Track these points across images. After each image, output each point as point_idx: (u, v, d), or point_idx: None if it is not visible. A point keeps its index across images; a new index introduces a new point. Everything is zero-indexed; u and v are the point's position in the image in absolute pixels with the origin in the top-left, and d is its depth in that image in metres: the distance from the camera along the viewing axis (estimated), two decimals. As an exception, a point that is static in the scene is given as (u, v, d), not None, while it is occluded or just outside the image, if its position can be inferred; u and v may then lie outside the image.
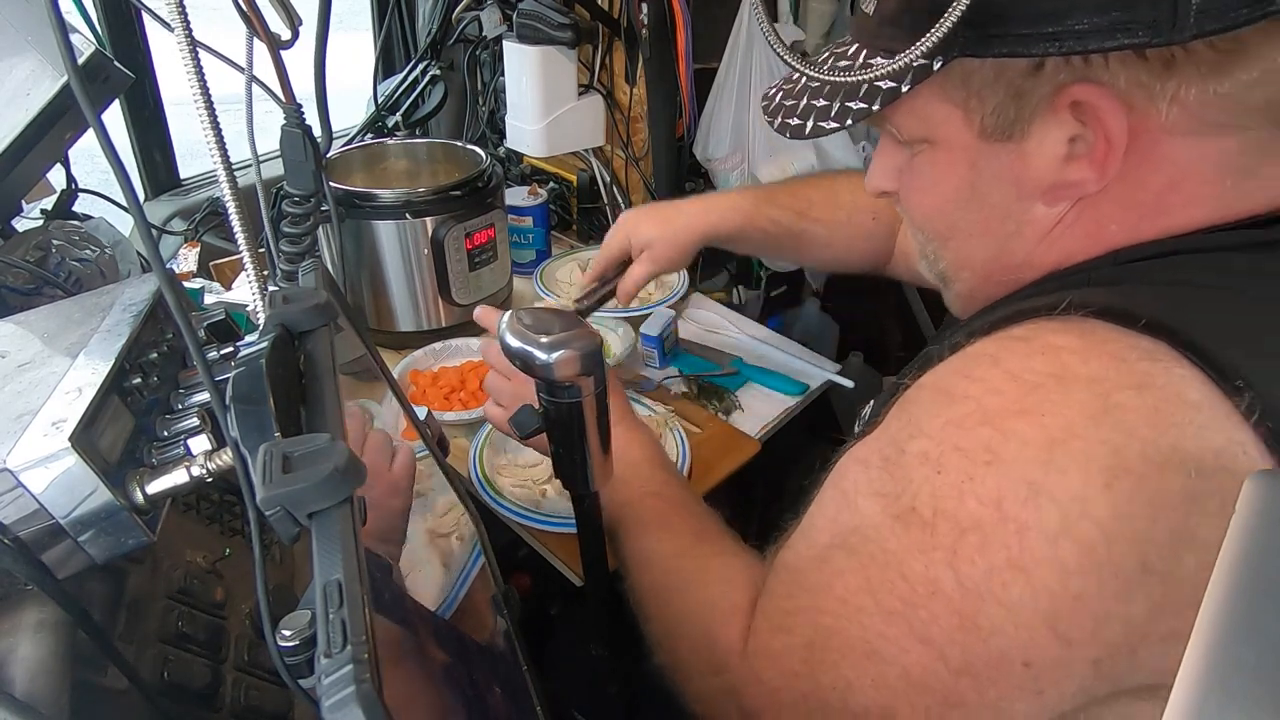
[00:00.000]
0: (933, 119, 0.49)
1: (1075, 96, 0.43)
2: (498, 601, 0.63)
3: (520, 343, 0.47)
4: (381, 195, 1.02)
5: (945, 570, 0.41)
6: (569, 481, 0.54)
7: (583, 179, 1.39)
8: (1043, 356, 0.41)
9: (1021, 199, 0.49)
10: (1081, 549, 0.37)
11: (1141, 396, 0.38)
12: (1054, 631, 0.38)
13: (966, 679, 0.40)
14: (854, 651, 0.44)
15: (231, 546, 0.59)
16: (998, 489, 0.39)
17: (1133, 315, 0.40)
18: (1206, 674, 0.23)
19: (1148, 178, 0.45)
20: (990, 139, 0.47)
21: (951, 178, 0.51)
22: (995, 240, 0.51)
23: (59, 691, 0.39)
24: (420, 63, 1.37)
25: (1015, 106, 0.45)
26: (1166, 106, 0.42)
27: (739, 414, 1.04)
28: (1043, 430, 0.39)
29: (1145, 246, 0.46)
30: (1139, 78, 0.42)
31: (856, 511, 0.46)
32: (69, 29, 0.53)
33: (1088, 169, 0.45)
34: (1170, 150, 0.44)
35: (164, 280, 0.44)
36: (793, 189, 0.93)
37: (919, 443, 0.44)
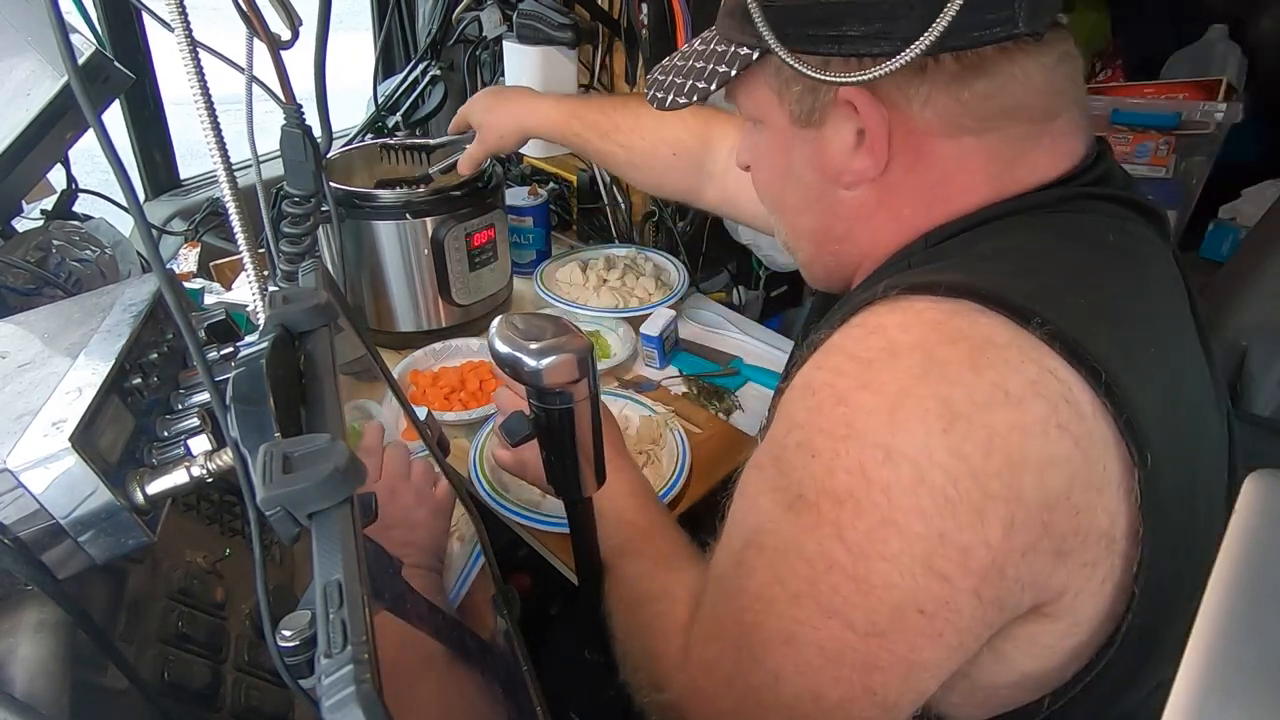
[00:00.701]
0: (760, 103, 0.57)
1: (845, 95, 0.50)
2: (498, 601, 0.63)
3: (509, 349, 0.46)
4: (381, 195, 1.02)
5: (835, 543, 0.44)
6: (561, 488, 0.54)
7: (583, 179, 1.39)
8: (874, 336, 0.46)
9: (825, 181, 0.55)
10: (935, 492, 0.42)
11: (957, 348, 0.43)
12: (932, 571, 0.42)
13: (874, 639, 0.44)
14: (774, 641, 0.46)
15: (231, 546, 0.59)
16: (859, 457, 0.43)
17: (935, 285, 0.46)
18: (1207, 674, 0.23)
19: (922, 171, 0.52)
20: (797, 125, 0.54)
21: (776, 157, 0.58)
22: (816, 216, 0.58)
23: (59, 691, 0.39)
24: (420, 63, 1.36)
25: (811, 98, 0.53)
26: (921, 109, 0.49)
27: (739, 414, 1.04)
28: (882, 397, 0.43)
29: (946, 227, 0.52)
30: (897, 82, 0.48)
31: (758, 511, 0.50)
32: (69, 29, 0.53)
33: (867, 159, 0.52)
34: (935, 148, 0.51)
35: (164, 280, 0.44)
36: (604, 108, 0.98)
37: (794, 434, 0.47)
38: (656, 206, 1.32)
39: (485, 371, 1.06)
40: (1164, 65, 1.51)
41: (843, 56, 0.48)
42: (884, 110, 0.50)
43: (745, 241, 1.36)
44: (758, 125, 0.59)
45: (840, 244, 0.58)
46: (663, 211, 1.31)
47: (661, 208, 1.31)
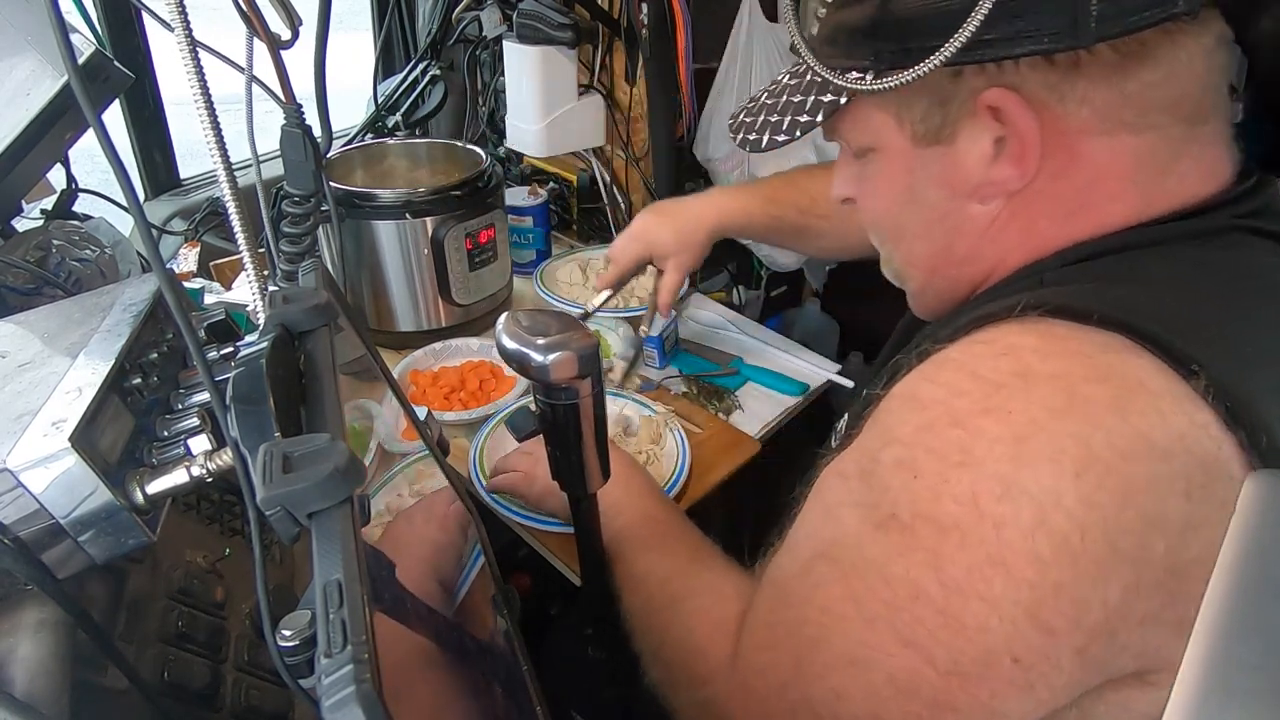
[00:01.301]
0: (872, 128, 0.53)
1: (989, 101, 0.46)
2: (498, 601, 0.63)
3: (516, 344, 0.46)
4: (381, 195, 1.02)
5: (927, 571, 0.41)
6: (566, 484, 0.54)
7: (583, 179, 1.39)
8: (1005, 357, 0.43)
9: (955, 198, 0.52)
10: (1056, 539, 0.38)
11: (1104, 387, 0.39)
12: (1036, 622, 0.39)
13: (955, 679, 0.40)
14: (840, 661, 0.44)
15: (231, 546, 0.59)
16: (972, 487, 0.40)
17: (1086, 311, 0.42)
18: (1207, 673, 0.23)
19: (1070, 176, 0.48)
20: (922, 143, 0.51)
21: (893, 182, 0.55)
22: (937, 238, 0.55)
23: (59, 691, 0.39)
24: (420, 63, 1.37)
25: (941, 113, 0.49)
26: (1076, 107, 0.45)
27: (739, 414, 1.04)
28: (1009, 427, 0.40)
29: (1086, 245, 0.48)
30: (1048, 81, 0.45)
31: (838, 523, 0.47)
32: (69, 29, 0.53)
33: (1010, 168, 0.48)
34: (1087, 149, 0.47)
35: (164, 280, 0.44)
36: (795, 183, 0.94)
37: (893, 450, 0.45)
38: (656, 206, 1.32)
39: (485, 371, 1.06)
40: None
41: (978, 64, 0.45)
42: (1035, 113, 0.46)
43: (745, 241, 1.36)
44: (864, 154, 0.56)
45: (961, 266, 0.55)
46: (663, 211, 1.31)
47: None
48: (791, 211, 0.92)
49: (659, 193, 1.30)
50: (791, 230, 0.94)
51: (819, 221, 0.92)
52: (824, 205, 0.92)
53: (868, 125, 0.53)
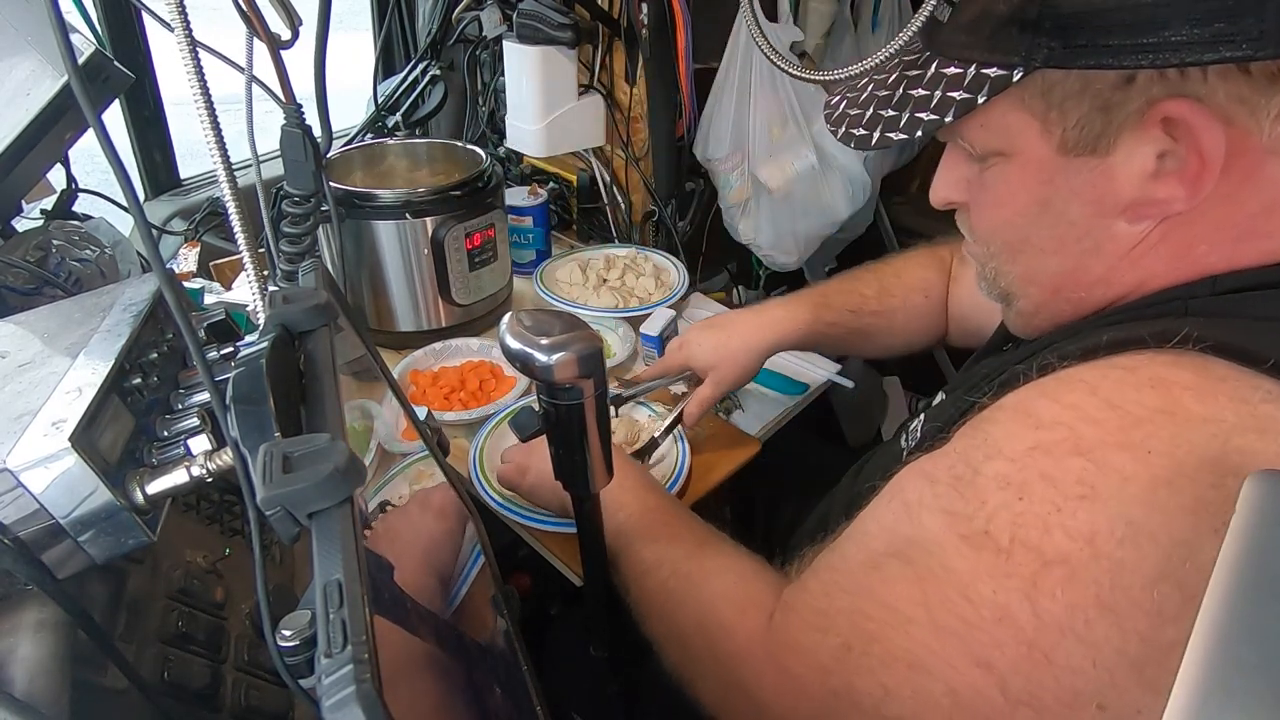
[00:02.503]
0: (1008, 131, 0.47)
1: (1168, 112, 0.41)
2: (498, 601, 0.63)
3: (520, 344, 0.46)
4: (381, 195, 1.02)
5: (1020, 599, 0.39)
6: (569, 483, 0.54)
7: (583, 179, 1.39)
8: (1152, 390, 0.39)
9: (1102, 215, 0.47)
10: (1183, 596, 0.35)
11: (1265, 441, 0.36)
12: (1140, 678, 0.36)
13: (1027, 710, 0.39)
14: (897, 661, 0.42)
15: (231, 546, 0.59)
16: (1090, 524, 0.37)
17: (1257, 355, 0.38)
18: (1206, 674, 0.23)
19: (1245, 198, 0.43)
20: (1071, 153, 0.45)
21: (1026, 192, 0.49)
22: (1070, 256, 0.50)
23: (59, 691, 0.39)
24: (420, 63, 1.36)
25: (1101, 120, 0.43)
26: (1271, 124, 0.40)
27: (739, 414, 1.04)
28: (1148, 468, 0.37)
29: (1247, 275, 0.44)
30: (1240, 92, 0.40)
31: (919, 525, 0.45)
32: (69, 29, 0.53)
33: (1177, 186, 0.43)
34: (1272, 170, 0.42)
35: (164, 280, 0.44)
36: (846, 288, 0.92)
37: (997, 465, 0.42)
38: (656, 206, 1.32)
39: (485, 371, 1.06)
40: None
41: (1156, 68, 0.40)
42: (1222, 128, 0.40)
43: (745, 241, 1.36)
44: (988, 157, 0.50)
45: (1091, 289, 0.50)
46: (663, 211, 1.31)
47: (661, 207, 1.31)
48: (845, 316, 0.90)
49: (659, 193, 1.30)
50: (849, 335, 0.91)
51: (874, 320, 0.90)
52: (875, 303, 0.90)
53: (1003, 128, 0.47)
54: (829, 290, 0.92)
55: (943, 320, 0.92)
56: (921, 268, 0.91)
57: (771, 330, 0.89)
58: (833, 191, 1.32)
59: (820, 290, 0.93)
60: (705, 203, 1.36)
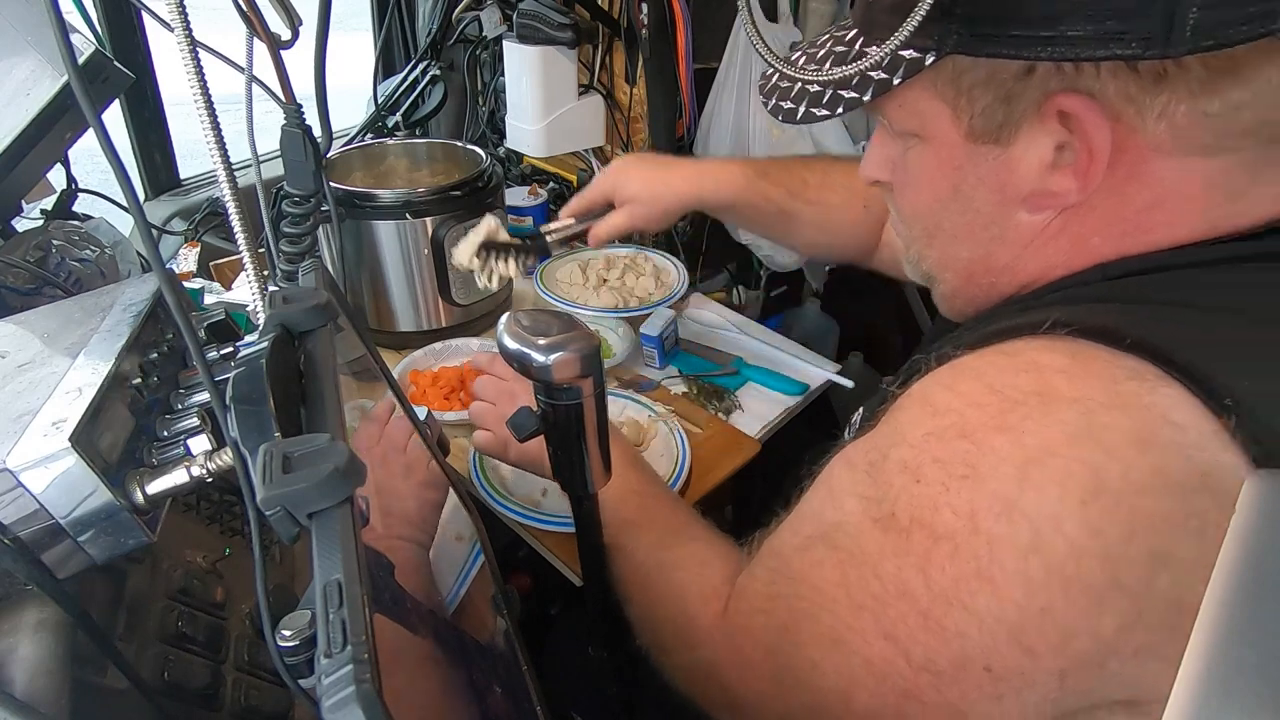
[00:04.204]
0: (923, 115, 0.49)
1: (1062, 105, 0.43)
2: (498, 601, 0.63)
3: (518, 344, 0.46)
4: (381, 195, 1.02)
5: (916, 574, 0.42)
6: (567, 483, 0.54)
7: (583, 179, 1.39)
8: (1027, 374, 0.41)
9: (1005, 205, 0.49)
10: (1050, 565, 0.38)
11: (1126, 417, 0.38)
12: (1017, 642, 0.39)
13: (926, 675, 0.42)
14: (823, 638, 0.46)
15: (231, 546, 0.59)
16: (971, 502, 0.40)
17: (1119, 334, 0.40)
18: (1206, 674, 0.23)
19: (1132, 194, 0.45)
20: (977, 140, 0.47)
21: (938, 177, 0.51)
22: (979, 244, 0.52)
23: (59, 691, 0.39)
24: (420, 63, 1.37)
25: (1004, 109, 0.45)
26: (1154, 122, 0.42)
27: (739, 414, 1.04)
28: (1021, 448, 0.39)
29: (1133, 261, 0.46)
30: (1128, 90, 0.41)
31: (840, 509, 0.48)
32: (69, 29, 0.53)
33: (1070, 179, 0.45)
34: (1157, 168, 0.44)
35: (164, 280, 0.44)
36: (789, 167, 0.91)
37: (900, 451, 0.45)
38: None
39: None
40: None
41: (1054, 61, 0.41)
42: (1109, 123, 0.42)
43: (745, 241, 1.36)
44: (909, 139, 0.51)
45: (1000, 275, 0.52)
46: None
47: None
48: (780, 191, 0.89)
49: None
50: (778, 215, 0.90)
51: (807, 208, 0.89)
52: (813, 191, 0.90)
53: (918, 110, 0.49)
54: (773, 165, 0.91)
55: (872, 240, 0.91)
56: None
57: (703, 183, 0.89)
58: (833, 191, 1.32)
59: (765, 162, 0.92)
60: (705, 203, 1.36)
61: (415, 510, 0.67)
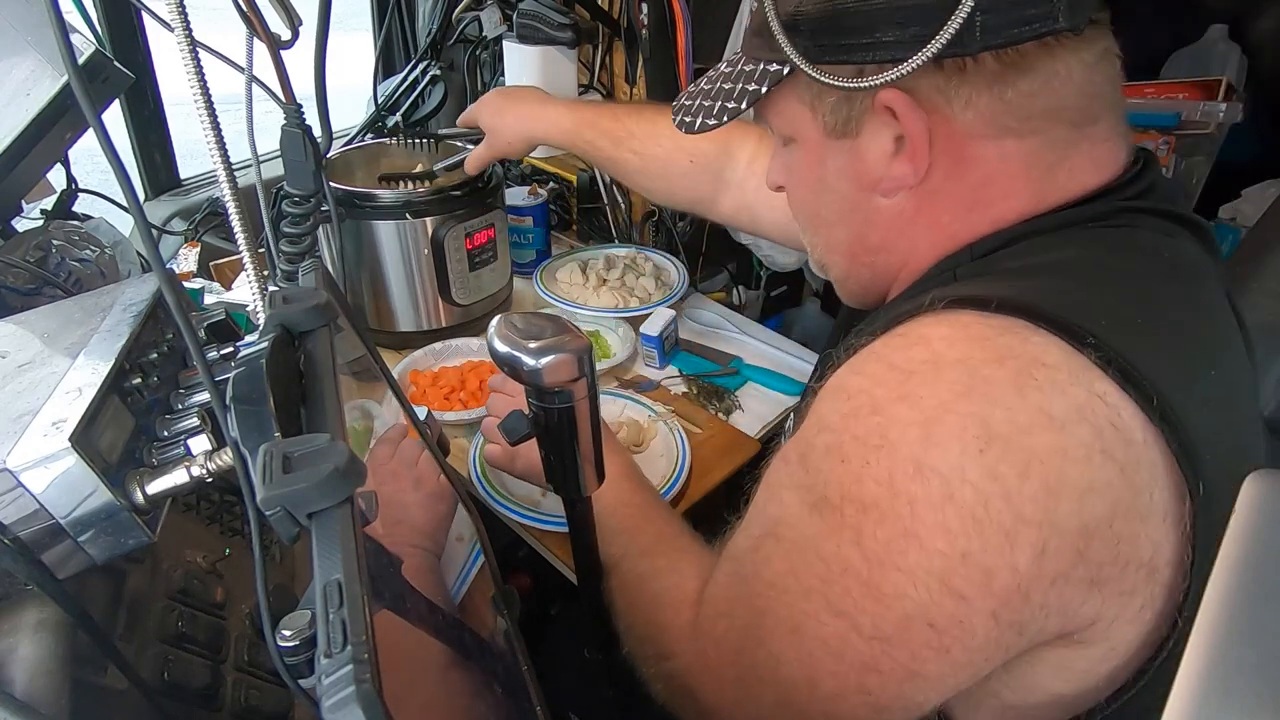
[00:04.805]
0: (792, 119, 0.56)
1: (885, 100, 0.49)
2: (498, 601, 0.63)
3: (508, 348, 0.46)
4: (381, 195, 1.02)
5: (853, 548, 0.44)
6: (560, 487, 0.54)
7: (583, 179, 1.39)
8: (918, 347, 0.45)
9: (861, 190, 0.55)
10: (962, 511, 0.41)
11: (1003, 367, 0.42)
12: (948, 588, 0.42)
13: (878, 644, 0.44)
14: (781, 628, 0.47)
15: (231, 546, 0.59)
16: (889, 469, 0.43)
17: (985, 299, 0.45)
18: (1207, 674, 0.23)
19: (962, 175, 0.51)
20: (832, 136, 0.54)
21: (810, 171, 0.58)
22: (851, 227, 0.58)
23: (59, 691, 0.39)
24: (420, 63, 1.36)
25: (847, 108, 0.52)
26: (962, 111, 0.48)
27: (739, 414, 1.04)
28: (920, 411, 0.43)
29: (990, 239, 0.52)
30: (936, 84, 0.48)
31: (780, 504, 0.51)
32: (69, 29, 0.53)
33: (906, 165, 0.51)
34: (976, 150, 0.50)
35: (164, 280, 0.44)
36: (618, 115, 0.97)
37: (824, 437, 0.48)
38: (656, 207, 1.32)
39: (485, 371, 1.06)
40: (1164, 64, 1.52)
41: (877, 64, 0.48)
42: (924, 114, 0.49)
43: (745, 242, 1.36)
44: (789, 143, 0.59)
45: (875, 255, 0.58)
46: (663, 212, 1.31)
47: (661, 208, 1.31)
48: (605, 140, 0.95)
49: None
50: (608, 161, 0.97)
51: (632, 157, 0.95)
52: (638, 142, 0.94)
53: (788, 115, 0.57)
54: (604, 111, 0.98)
55: (708, 191, 0.96)
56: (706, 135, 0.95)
57: (535, 125, 0.99)
58: (832, 191, 1.32)
59: (598, 109, 0.99)
60: (705, 203, 1.36)
61: (424, 521, 0.69)
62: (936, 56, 0.45)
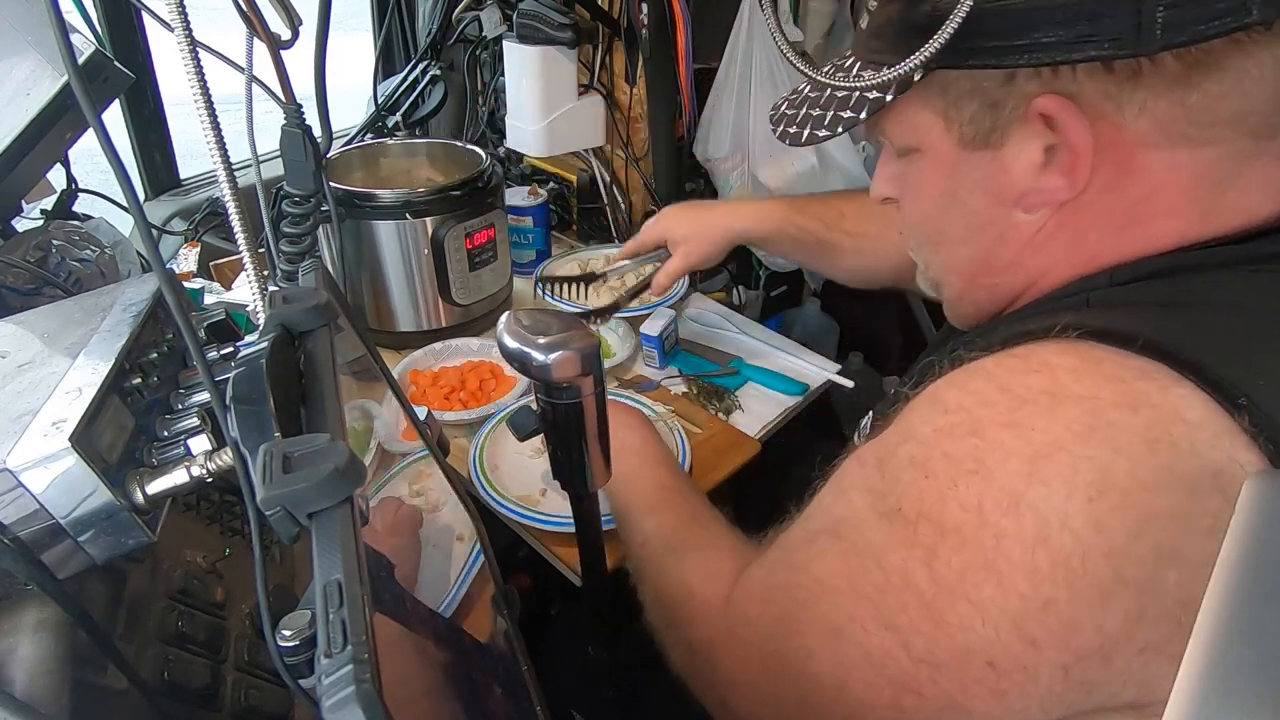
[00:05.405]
0: (918, 128, 0.52)
1: (1042, 108, 0.45)
2: (498, 601, 0.63)
3: (517, 344, 0.46)
4: (381, 195, 1.02)
5: (920, 567, 0.42)
6: (567, 483, 0.54)
7: (583, 179, 1.39)
8: (1038, 374, 0.42)
9: (1000, 205, 0.50)
10: (1056, 558, 0.38)
11: (1136, 415, 0.38)
12: (1020, 632, 0.39)
13: (926, 668, 0.42)
14: (821, 625, 0.46)
15: (231, 546, 0.59)
16: (979, 496, 0.41)
17: (1129, 336, 0.41)
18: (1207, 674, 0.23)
19: (1123, 189, 0.46)
20: (969, 147, 0.49)
21: (936, 185, 0.53)
22: (979, 245, 0.54)
23: (59, 691, 0.39)
24: (420, 63, 1.37)
25: (991, 116, 0.47)
26: (1135, 118, 0.44)
27: (739, 414, 1.04)
28: (1028, 443, 0.40)
29: (1138, 264, 0.47)
30: (1105, 89, 0.43)
31: (848, 504, 0.49)
32: (69, 29, 0.53)
33: (1059, 178, 0.47)
34: (1144, 161, 0.45)
35: (164, 280, 0.44)
36: (826, 200, 0.96)
37: (909, 447, 0.45)
38: (656, 206, 1.32)
39: (485, 371, 1.06)
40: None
41: (1032, 67, 0.44)
42: (1088, 122, 0.44)
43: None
44: (908, 154, 0.54)
45: (1001, 275, 0.54)
46: (663, 211, 1.31)
47: (661, 207, 1.31)
48: (816, 224, 0.93)
49: (659, 193, 1.30)
50: (815, 244, 0.94)
51: (844, 238, 0.93)
52: (850, 222, 0.93)
53: (913, 125, 0.52)
54: (810, 200, 0.97)
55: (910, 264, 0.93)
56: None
57: (746, 218, 0.96)
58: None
59: (803, 198, 0.98)
60: (705, 203, 1.36)
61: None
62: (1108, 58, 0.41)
